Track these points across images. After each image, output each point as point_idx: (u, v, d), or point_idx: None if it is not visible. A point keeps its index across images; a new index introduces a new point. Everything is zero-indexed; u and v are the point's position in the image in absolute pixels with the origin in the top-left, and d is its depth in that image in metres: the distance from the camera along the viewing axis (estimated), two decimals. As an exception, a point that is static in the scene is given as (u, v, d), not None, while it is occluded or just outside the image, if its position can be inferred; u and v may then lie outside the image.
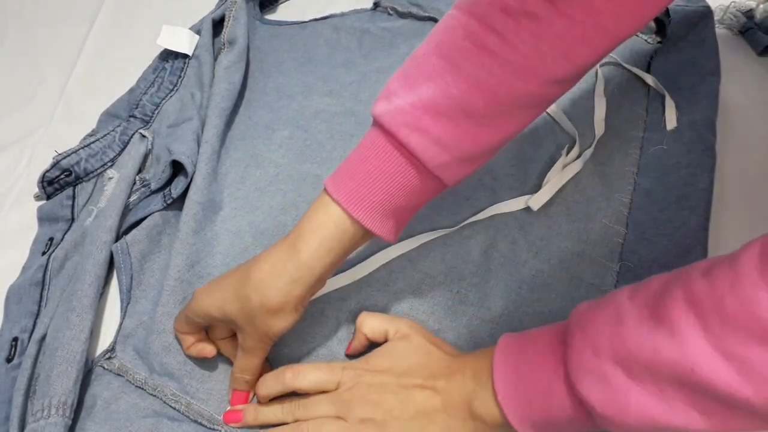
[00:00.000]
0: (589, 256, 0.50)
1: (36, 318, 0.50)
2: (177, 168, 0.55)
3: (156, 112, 0.62)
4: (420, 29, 0.66)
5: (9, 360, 0.48)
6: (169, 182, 0.55)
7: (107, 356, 0.48)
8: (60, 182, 0.58)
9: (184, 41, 0.64)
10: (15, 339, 0.49)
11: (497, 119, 0.39)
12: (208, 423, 0.44)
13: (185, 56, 0.65)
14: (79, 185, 0.58)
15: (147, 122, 0.62)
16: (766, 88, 0.58)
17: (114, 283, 0.53)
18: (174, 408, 0.45)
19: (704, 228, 0.49)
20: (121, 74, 0.66)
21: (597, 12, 0.36)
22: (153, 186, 0.55)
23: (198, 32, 0.65)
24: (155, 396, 0.46)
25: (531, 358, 0.37)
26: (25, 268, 0.54)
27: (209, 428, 0.44)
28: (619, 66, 0.59)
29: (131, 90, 0.64)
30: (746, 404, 0.28)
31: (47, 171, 0.57)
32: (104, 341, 0.50)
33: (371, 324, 0.45)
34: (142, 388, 0.46)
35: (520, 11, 0.36)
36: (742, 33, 0.61)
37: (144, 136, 0.59)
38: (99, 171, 0.59)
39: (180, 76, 0.64)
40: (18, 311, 0.51)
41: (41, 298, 0.52)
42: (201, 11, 0.69)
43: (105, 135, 0.60)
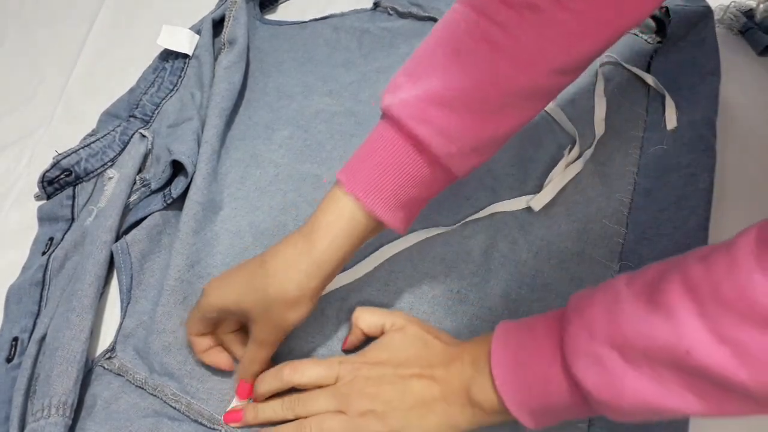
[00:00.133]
0: (589, 256, 0.50)
1: (36, 318, 0.50)
2: (177, 168, 0.55)
3: (156, 112, 0.62)
4: (420, 29, 0.65)
5: (9, 360, 0.48)
6: (169, 182, 0.55)
7: (107, 356, 0.48)
8: (60, 182, 0.58)
9: (184, 41, 0.64)
10: (15, 339, 0.49)
11: (501, 111, 0.39)
12: (209, 423, 0.44)
13: (185, 56, 0.65)
14: (79, 185, 0.58)
15: (147, 122, 0.62)
16: (766, 88, 0.58)
17: (114, 283, 0.53)
18: (174, 408, 0.45)
19: (704, 228, 0.49)
20: (121, 74, 0.66)
21: (599, 3, 0.36)
22: (153, 186, 0.55)
23: (198, 32, 0.65)
24: (155, 396, 0.46)
25: (529, 344, 0.37)
26: (25, 268, 0.54)
27: (209, 428, 0.44)
28: (619, 66, 0.59)
29: (131, 90, 0.64)
30: (741, 387, 0.28)
31: (47, 171, 0.57)
32: (104, 341, 0.50)
33: (367, 318, 0.45)
34: (143, 388, 0.46)
35: (522, 3, 0.36)
36: (742, 33, 0.61)
37: (144, 136, 0.59)
38: (99, 171, 0.59)
39: (180, 76, 0.64)
40: (18, 311, 0.51)
41: (41, 298, 0.52)
42: (201, 11, 0.69)
43: (105, 135, 0.60)
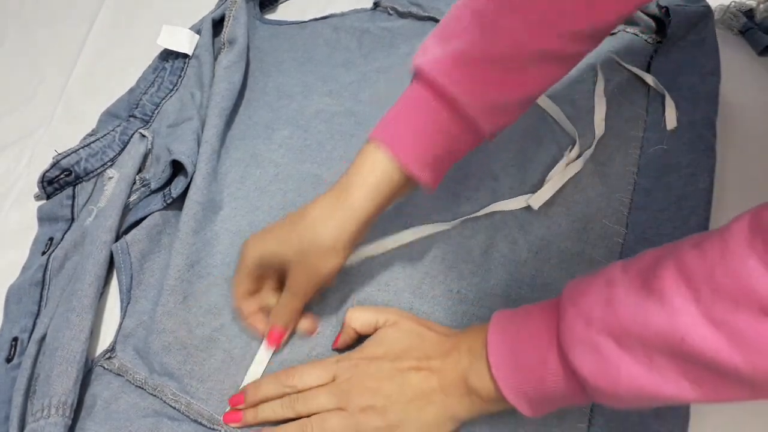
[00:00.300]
0: (589, 256, 0.50)
1: (36, 318, 0.50)
2: (177, 168, 0.55)
3: (156, 112, 0.62)
4: (420, 29, 0.65)
5: (9, 360, 0.48)
6: (169, 182, 0.55)
7: (107, 356, 0.48)
8: (60, 182, 0.58)
9: (184, 41, 0.64)
10: (15, 339, 0.49)
11: (524, 71, 0.41)
12: (208, 423, 0.44)
13: (185, 56, 0.65)
14: (79, 185, 0.58)
15: (147, 122, 0.62)
16: (766, 88, 0.58)
17: (114, 283, 0.53)
18: (174, 408, 0.45)
19: (704, 228, 0.49)
20: (121, 74, 0.66)
21: None
22: (153, 186, 0.55)
23: (198, 32, 0.66)
24: (155, 396, 0.46)
25: (525, 332, 0.37)
26: (25, 268, 0.54)
27: (209, 428, 0.44)
28: (620, 66, 0.59)
29: (131, 90, 0.64)
30: (735, 372, 0.28)
31: (47, 171, 0.57)
32: (104, 341, 0.50)
33: (360, 317, 0.45)
34: (142, 388, 0.46)
35: None
36: (742, 33, 0.61)
37: (144, 136, 0.59)
38: (99, 171, 0.59)
39: (180, 76, 0.64)
40: (18, 311, 0.51)
41: (41, 298, 0.52)
42: (201, 11, 0.69)
43: (105, 135, 0.60)
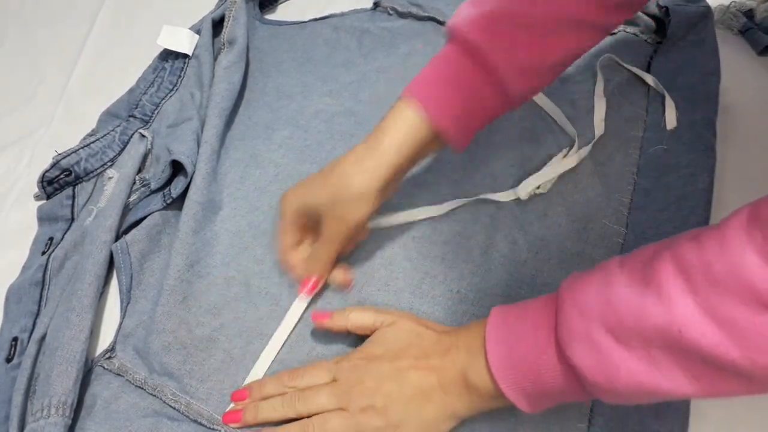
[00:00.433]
0: (589, 256, 0.50)
1: (36, 318, 0.50)
2: (177, 168, 0.55)
3: (156, 112, 0.62)
4: (420, 29, 0.65)
5: (9, 360, 0.48)
6: (169, 182, 0.55)
7: (107, 356, 0.48)
8: (60, 182, 0.58)
9: (184, 41, 0.64)
10: (15, 339, 0.49)
11: (557, 37, 0.43)
12: (208, 423, 0.44)
13: (185, 56, 0.65)
14: (79, 185, 0.59)
15: (147, 122, 0.62)
16: (766, 88, 0.58)
17: (114, 283, 0.53)
18: (174, 408, 0.45)
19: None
20: (121, 74, 0.66)
21: None
22: (153, 186, 0.55)
23: (198, 32, 0.66)
24: (155, 396, 0.46)
25: (522, 327, 0.37)
26: (25, 268, 0.54)
27: (209, 428, 0.44)
28: (619, 66, 0.59)
29: (131, 90, 0.64)
30: (732, 365, 0.28)
31: (47, 171, 0.57)
32: (104, 341, 0.50)
33: (358, 316, 0.45)
34: (142, 388, 0.46)
35: None
36: (742, 33, 0.61)
37: (144, 136, 0.59)
38: (99, 171, 0.59)
39: (180, 76, 0.64)
40: (18, 311, 0.51)
41: (41, 298, 0.52)
42: (201, 11, 0.69)
43: (105, 135, 0.60)
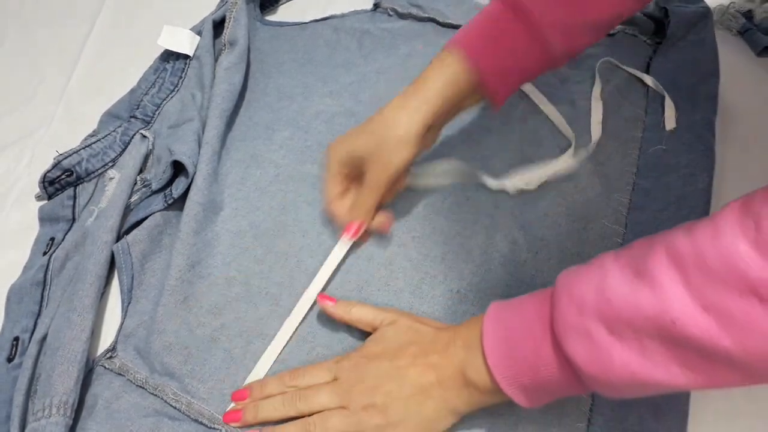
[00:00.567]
0: (589, 256, 0.49)
1: (37, 318, 0.51)
2: (178, 168, 0.55)
3: (157, 113, 0.62)
4: (420, 30, 0.66)
5: (10, 360, 0.48)
6: (170, 182, 0.55)
7: (108, 356, 0.48)
8: (61, 182, 0.58)
9: (185, 42, 0.65)
10: (16, 339, 0.49)
11: None
12: (209, 422, 0.44)
13: (186, 57, 0.65)
14: (80, 185, 0.59)
15: (148, 123, 0.62)
16: (765, 89, 0.58)
17: (115, 283, 0.53)
18: (175, 407, 0.45)
19: (703, 228, 0.49)
20: (122, 75, 0.66)
21: None
22: (154, 186, 0.55)
23: (199, 33, 0.66)
24: (156, 395, 0.46)
25: (519, 321, 0.37)
26: (26, 268, 0.55)
27: (210, 428, 0.44)
28: (618, 67, 0.59)
29: (132, 90, 0.65)
30: (725, 354, 0.29)
31: (48, 171, 0.57)
32: (105, 341, 0.50)
33: (360, 311, 0.46)
34: (143, 388, 0.46)
35: None
36: (741, 33, 0.61)
37: (145, 137, 0.59)
38: (100, 171, 0.59)
39: (181, 77, 0.64)
40: (19, 311, 0.51)
41: (42, 298, 0.52)
42: (202, 12, 0.69)
43: (106, 135, 0.60)
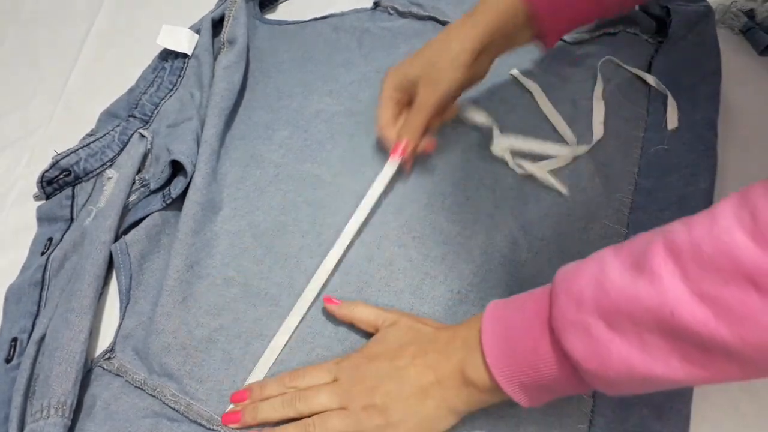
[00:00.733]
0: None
1: (35, 318, 0.50)
2: (176, 168, 0.55)
3: (155, 112, 0.62)
4: (420, 29, 0.65)
5: (8, 360, 0.48)
6: (169, 182, 0.55)
7: (107, 357, 0.48)
8: (59, 182, 0.58)
9: (184, 41, 0.64)
10: (14, 339, 0.49)
11: None
12: (208, 423, 0.44)
13: (185, 56, 0.65)
14: (79, 185, 0.58)
15: (146, 122, 0.62)
16: (767, 88, 0.58)
17: (113, 284, 0.53)
18: (173, 408, 0.45)
19: (705, 228, 0.49)
20: (121, 74, 0.66)
21: None
22: (152, 186, 0.55)
23: (197, 32, 0.65)
24: (155, 396, 0.46)
25: (517, 319, 0.37)
26: (24, 269, 0.54)
27: (209, 429, 0.44)
28: (620, 66, 0.59)
29: (131, 90, 0.64)
30: (723, 345, 0.29)
31: (46, 171, 0.57)
32: (104, 342, 0.50)
33: (362, 311, 0.46)
34: (142, 389, 0.46)
35: None
36: (743, 32, 0.61)
37: (143, 136, 0.59)
38: (98, 171, 0.59)
39: (179, 76, 0.64)
40: (17, 311, 0.51)
41: (40, 299, 0.52)
42: (201, 11, 0.69)
43: (104, 135, 0.60)
